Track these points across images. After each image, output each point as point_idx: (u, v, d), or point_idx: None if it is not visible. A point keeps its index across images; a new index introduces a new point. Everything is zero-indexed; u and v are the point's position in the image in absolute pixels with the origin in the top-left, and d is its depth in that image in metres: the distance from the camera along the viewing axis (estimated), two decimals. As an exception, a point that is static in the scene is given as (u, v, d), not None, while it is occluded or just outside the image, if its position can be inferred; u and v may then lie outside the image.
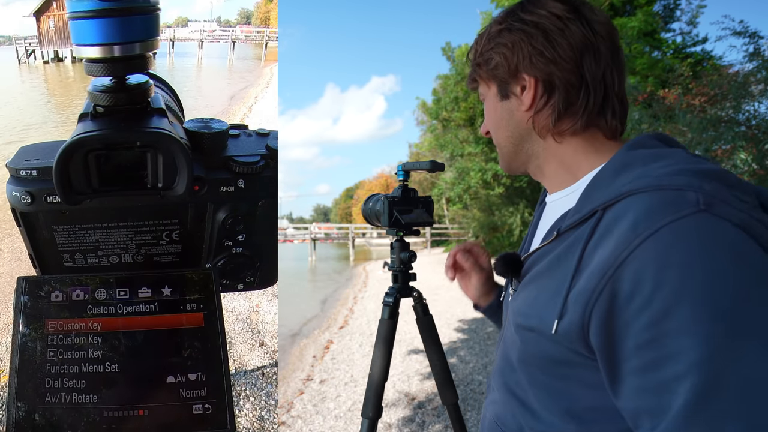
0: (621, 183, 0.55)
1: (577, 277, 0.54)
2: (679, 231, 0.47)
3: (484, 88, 0.71)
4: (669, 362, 0.46)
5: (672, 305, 0.45)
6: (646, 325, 0.47)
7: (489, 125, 0.72)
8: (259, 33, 29.12)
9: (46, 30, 24.48)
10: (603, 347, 0.51)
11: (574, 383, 0.59)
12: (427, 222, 1.11)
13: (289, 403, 3.62)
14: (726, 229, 0.46)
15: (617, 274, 0.49)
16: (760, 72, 5.39)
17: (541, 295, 0.60)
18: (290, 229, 37.13)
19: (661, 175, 0.52)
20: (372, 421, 1.16)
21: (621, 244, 0.49)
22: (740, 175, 5.10)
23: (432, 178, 22.41)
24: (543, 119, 0.66)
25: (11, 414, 0.41)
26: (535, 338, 0.60)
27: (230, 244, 0.53)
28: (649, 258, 0.47)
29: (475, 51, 0.71)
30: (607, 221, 0.53)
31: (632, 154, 0.59)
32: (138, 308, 0.46)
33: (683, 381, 0.45)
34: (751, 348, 0.43)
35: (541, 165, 0.69)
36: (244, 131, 0.55)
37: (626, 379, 0.50)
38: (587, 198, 0.59)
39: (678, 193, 0.49)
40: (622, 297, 0.48)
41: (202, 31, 28.72)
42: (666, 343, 0.46)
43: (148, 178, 0.47)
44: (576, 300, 0.53)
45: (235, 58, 27.68)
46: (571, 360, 0.57)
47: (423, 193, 1.15)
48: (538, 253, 0.66)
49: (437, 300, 6.89)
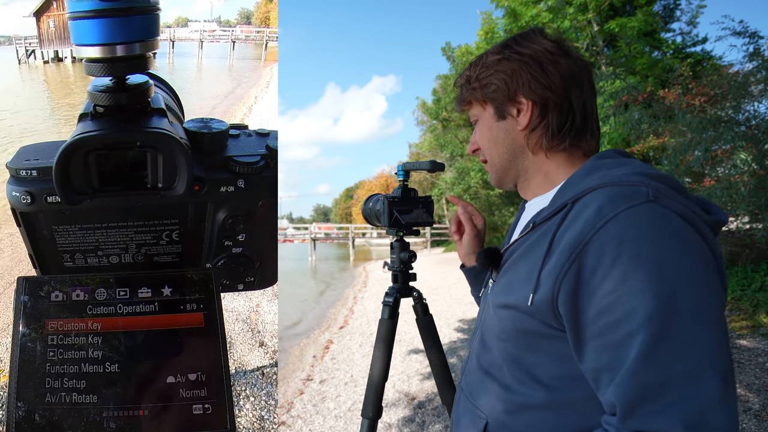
0: (588, 182, 0.65)
1: (548, 256, 0.63)
2: (633, 215, 0.57)
3: (478, 109, 0.80)
4: (624, 321, 0.55)
5: (628, 272, 0.55)
6: (606, 292, 0.56)
7: (482, 143, 0.80)
8: (259, 33, 29.10)
9: (46, 30, 24.47)
10: (569, 315, 0.60)
11: (543, 355, 0.67)
12: (427, 222, 1.11)
13: (289, 403, 3.62)
14: (669, 215, 0.58)
15: (584, 251, 0.58)
16: (760, 72, 5.38)
17: (517, 276, 0.69)
18: (290, 229, 37.12)
19: (620, 175, 0.63)
20: (372, 421, 1.16)
21: (587, 225, 0.59)
22: (740, 175, 5.11)
23: (432, 178, 22.40)
24: (536, 137, 0.76)
25: (11, 414, 0.41)
26: (512, 314, 0.69)
27: (230, 244, 0.53)
28: (610, 236, 0.57)
29: (468, 77, 0.80)
30: (575, 211, 0.63)
31: (598, 162, 0.71)
32: (138, 308, 0.46)
33: (636, 335, 0.54)
34: (689, 304, 0.54)
35: (529, 178, 0.79)
36: (244, 131, 0.55)
37: (588, 342, 0.59)
38: (559, 196, 0.70)
39: (633, 188, 0.60)
40: (587, 270, 0.58)
41: (202, 31, 28.70)
42: (622, 306, 0.55)
43: (148, 178, 0.47)
44: (548, 275, 0.62)
45: (235, 58, 27.66)
46: (541, 331, 0.65)
47: (423, 193, 1.15)
48: (516, 244, 0.75)
49: (437, 300, 6.88)
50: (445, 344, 4.31)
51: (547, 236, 0.65)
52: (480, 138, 0.80)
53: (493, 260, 0.78)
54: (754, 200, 4.85)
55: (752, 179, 4.91)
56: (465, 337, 5.25)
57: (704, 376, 0.52)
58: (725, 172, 5.43)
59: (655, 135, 6.53)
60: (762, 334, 4.25)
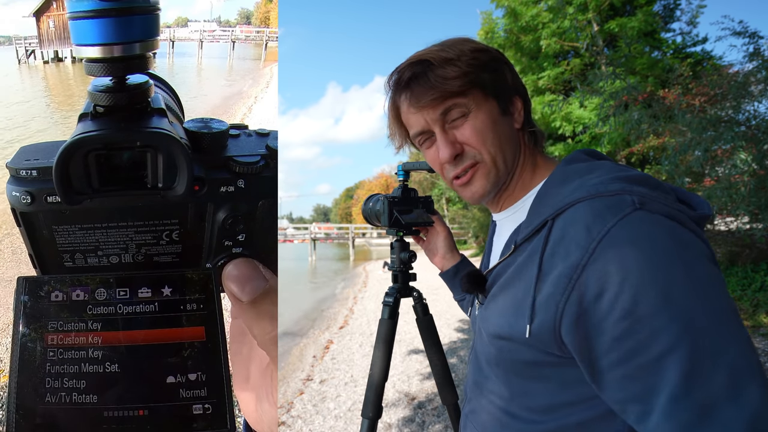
0: (564, 194, 0.61)
1: (540, 283, 0.58)
2: (625, 229, 0.53)
3: (473, 101, 0.68)
4: (650, 344, 0.49)
5: (639, 293, 0.50)
6: (619, 318, 0.51)
7: (479, 141, 0.68)
8: (259, 33, 29.11)
9: (46, 30, 24.46)
10: (578, 346, 0.55)
11: (548, 382, 0.62)
12: (427, 222, 1.11)
13: (289, 403, 3.62)
14: (661, 221, 0.54)
15: (582, 277, 0.53)
16: (760, 72, 5.38)
17: (508, 305, 0.64)
18: (290, 229, 37.15)
19: (596, 184, 0.59)
20: (372, 421, 1.16)
21: (580, 248, 0.54)
22: (740, 175, 5.10)
23: (432, 178, 22.41)
24: (526, 137, 0.73)
25: (11, 414, 0.41)
26: (508, 345, 0.64)
27: (230, 244, 0.53)
28: (609, 257, 0.52)
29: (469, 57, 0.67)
30: (557, 230, 0.59)
31: (569, 168, 0.66)
32: (138, 308, 0.46)
33: (670, 355, 0.48)
34: (710, 311, 0.49)
35: (512, 183, 0.73)
36: (244, 131, 0.55)
37: (608, 372, 0.53)
38: (535, 211, 0.64)
39: (616, 198, 0.56)
40: (589, 296, 0.53)
41: (202, 31, 28.71)
42: (642, 328, 0.50)
43: (148, 178, 0.47)
44: (545, 304, 0.57)
45: (235, 58, 27.67)
46: (544, 361, 0.61)
47: (423, 193, 1.15)
48: (498, 267, 0.70)
49: (437, 300, 6.88)
50: (445, 344, 4.31)
51: (534, 259, 0.60)
52: (476, 135, 0.68)
53: (477, 284, 0.73)
54: (754, 200, 4.85)
55: (752, 179, 4.91)
56: (465, 337, 5.25)
57: (745, 381, 0.47)
58: (725, 172, 5.43)
59: (655, 135, 6.53)
60: (762, 334, 4.25)
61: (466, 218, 20.22)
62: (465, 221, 20.61)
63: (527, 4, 10.80)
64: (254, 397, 0.55)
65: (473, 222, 18.67)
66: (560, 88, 11.23)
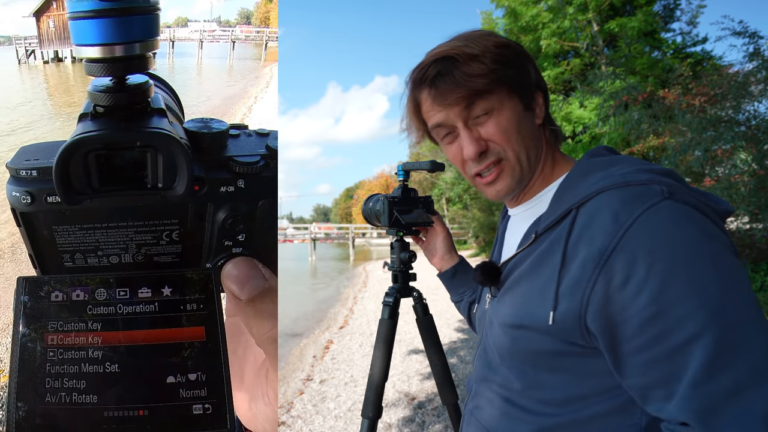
0: (588, 184, 0.61)
1: (564, 270, 0.58)
2: (654, 216, 0.53)
3: (498, 99, 0.67)
4: (676, 330, 0.50)
5: (667, 279, 0.51)
6: (646, 304, 0.51)
7: (504, 138, 0.68)
8: (259, 33, 29.10)
9: (46, 30, 24.46)
10: (604, 331, 0.55)
11: (564, 374, 0.62)
12: (427, 222, 1.11)
13: (289, 403, 3.62)
14: (689, 211, 0.54)
15: (609, 262, 0.53)
16: (760, 72, 5.38)
17: (528, 294, 0.63)
18: (290, 229, 37.16)
19: (624, 174, 0.59)
20: (372, 421, 1.16)
21: (607, 234, 0.54)
22: (740, 175, 5.10)
23: (432, 178, 22.40)
24: (546, 133, 0.73)
25: (11, 414, 0.41)
26: (526, 334, 0.64)
27: (230, 244, 0.53)
28: (637, 243, 0.52)
29: (493, 54, 0.66)
30: (583, 217, 0.59)
31: (592, 161, 0.66)
32: (138, 308, 0.46)
33: (696, 342, 0.49)
34: (735, 298, 0.51)
35: (534, 177, 0.73)
36: (244, 131, 0.55)
37: (632, 357, 0.54)
38: (558, 201, 0.64)
39: (645, 187, 0.56)
40: (616, 282, 0.53)
41: (202, 31, 28.70)
42: (668, 314, 0.50)
43: (148, 178, 0.47)
44: (569, 290, 0.57)
45: (235, 58, 27.66)
46: (563, 351, 0.60)
47: (423, 193, 1.15)
48: (516, 258, 0.69)
49: (437, 300, 6.87)
50: (446, 344, 4.31)
51: (557, 247, 0.60)
52: (500, 133, 0.67)
53: (492, 276, 0.72)
54: (754, 200, 4.85)
55: (752, 179, 4.91)
56: (465, 337, 5.25)
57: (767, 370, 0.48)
58: (725, 172, 5.43)
59: (655, 135, 6.53)
60: (762, 334, 4.25)
61: (466, 218, 20.21)
62: (465, 221, 20.60)
63: (527, 4, 10.80)
64: (248, 397, 0.55)
65: (473, 222, 18.66)
66: (560, 88, 11.23)
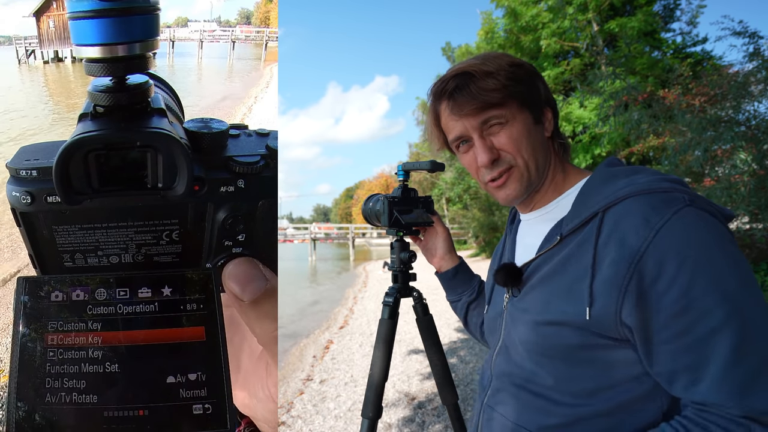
0: (613, 189, 0.67)
1: (597, 269, 0.64)
2: (680, 221, 0.61)
3: (510, 112, 0.75)
4: (702, 321, 0.58)
5: (695, 276, 0.58)
6: (676, 298, 0.59)
7: (515, 148, 0.75)
8: (259, 33, 29.11)
9: (46, 30, 24.46)
10: (639, 325, 0.62)
11: (594, 366, 0.68)
12: (427, 222, 1.11)
13: (289, 403, 3.62)
14: (707, 217, 0.62)
15: (642, 262, 0.60)
16: (760, 72, 5.38)
17: (557, 292, 0.69)
18: (290, 229, 37.17)
19: (648, 182, 0.66)
20: (372, 421, 1.16)
21: (639, 237, 0.61)
22: (740, 175, 5.10)
23: (432, 178, 22.41)
24: (556, 145, 0.80)
25: (11, 414, 0.41)
26: (557, 330, 0.69)
27: (230, 244, 0.53)
28: (667, 244, 0.60)
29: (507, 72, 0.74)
30: (611, 220, 0.65)
31: (612, 170, 0.73)
32: (138, 308, 0.46)
33: (720, 332, 0.57)
34: (752, 291, 0.59)
35: (542, 187, 0.80)
36: (244, 131, 0.55)
37: (662, 345, 0.61)
38: (582, 204, 0.70)
39: (668, 194, 0.63)
40: (648, 279, 0.60)
41: (202, 31, 28.70)
42: (696, 307, 0.58)
43: (148, 178, 0.47)
44: (605, 288, 0.63)
45: (235, 58, 27.67)
46: (595, 344, 0.66)
47: (423, 193, 1.15)
48: (540, 259, 0.74)
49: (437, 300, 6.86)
50: (446, 344, 4.31)
51: (587, 248, 0.66)
52: (511, 143, 0.75)
53: (514, 277, 0.77)
54: (754, 200, 4.85)
55: (752, 179, 4.91)
56: (465, 337, 5.25)
57: None
58: (725, 172, 5.43)
59: (655, 135, 6.53)
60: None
61: (465, 218, 20.23)
62: (465, 221, 20.61)
63: (527, 4, 10.81)
64: (245, 385, 0.55)
65: (473, 222, 18.68)
66: (560, 88, 11.24)
